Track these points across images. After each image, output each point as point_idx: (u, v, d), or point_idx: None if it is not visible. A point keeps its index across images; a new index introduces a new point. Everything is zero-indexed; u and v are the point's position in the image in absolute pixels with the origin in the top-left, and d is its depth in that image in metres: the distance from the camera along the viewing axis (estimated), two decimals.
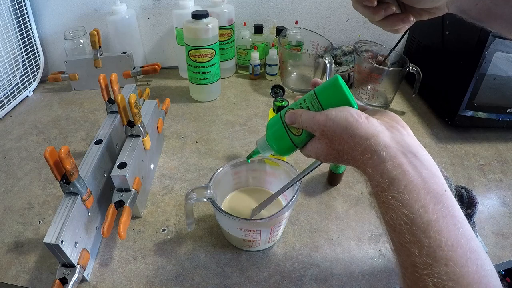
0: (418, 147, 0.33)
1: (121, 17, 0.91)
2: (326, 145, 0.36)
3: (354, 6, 0.39)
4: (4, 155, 0.73)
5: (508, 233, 0.57)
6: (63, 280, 0.44)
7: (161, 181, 0.66)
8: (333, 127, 0.34)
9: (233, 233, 0.50)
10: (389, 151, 0.31)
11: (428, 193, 0.29)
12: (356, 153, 0.33)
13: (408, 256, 0.28)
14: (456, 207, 0.29)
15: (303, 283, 0.49)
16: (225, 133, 0.79)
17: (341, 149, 0.35)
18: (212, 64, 0.84)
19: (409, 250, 0.28)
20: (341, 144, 0.34)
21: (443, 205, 0.29)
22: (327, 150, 0.36)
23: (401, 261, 0.30)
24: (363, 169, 0.33)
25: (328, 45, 0.89)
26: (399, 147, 0.32)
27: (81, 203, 0.47)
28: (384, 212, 0.31)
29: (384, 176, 0.31)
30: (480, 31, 0.67)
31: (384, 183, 0.31)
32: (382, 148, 0.31)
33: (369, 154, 0.32)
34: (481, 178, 0.68)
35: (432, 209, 0.28)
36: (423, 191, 0.29)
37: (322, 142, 0.36)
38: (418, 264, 0.27)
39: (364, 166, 0.33)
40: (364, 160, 0.33)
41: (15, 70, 0.89)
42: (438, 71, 0.84)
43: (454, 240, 0.27)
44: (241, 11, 1.01)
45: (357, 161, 0.34)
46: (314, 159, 0.40)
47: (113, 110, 0.64)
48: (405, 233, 0.29)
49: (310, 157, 0.39)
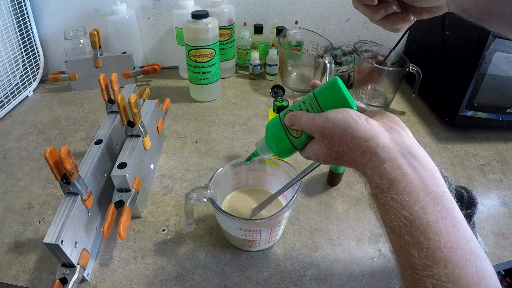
0: (418, 148, 0.33)
1: (121, 17, 0.91)
2: (325, 146, 0.36)
3: (354, 5, 0.39)
4: (4, 155, 0.73)
5: (508, 233, 0.57)
6: (63, 280, 0.44)
7: (161, 181, 0.66)
8: (332, 129, 0.34)
9: (233, 233, 0.50)
10: (388, 152, 0.31)
11: (427, 194, 0.29)
12: (355, 155, 0.33)
13: (408, 257, 0.28)
14: (456, 209, 0.29)
15: (303, 283, 0.49)
16: (225, 133, 0.79)
17: (341, 150, 0.35)
18: (212, 64, 0.84)
19: (408, 251, 0.28)
20: (340, 145, 0.34)
21: (442, 206, 0.29)
22: (327, 151, 0.36)
23: (400, 263, 0.30)
24: (363, 170, 0.33)
25: (328, 45, 0.89)
26: (398, 148, 0.32)
27: (81, 203, 0.47)
28: (384, 213, 0.31)
29: (384, 178, 0.31)
30: (480, 31, 0.67)
31: (384, 185, 0.31)
32: (381, 150, 0.31)
33: (368, 156, 0.32)
34: (481, 178, 0.68)
35: (431, 210, 0.28)
36: (423, 192, 0.29)
37: (321, 144, 0.36)
38: (417, 266, 0.27)
39: (363, 168, 0.33)
40: (363, 162, 0.33)
41: (15, 70, 0.89)
42: (438, 71, 0.84)
43: (454, 242, 0.27)
44: (241, 11, 1.01)
45: (356, 162, 0.34)
46: (314, 161, 0.40)
47: (113, 110, 0.64)
48: (404, 235, 0.29)
49: (309, 159, 0.39)
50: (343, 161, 0.35)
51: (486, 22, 0.34)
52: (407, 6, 0.38)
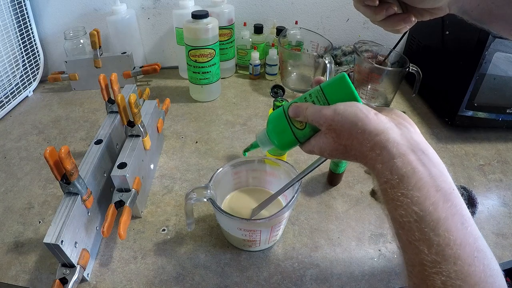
0: (426, 144, 0.33)
1: (121, 17, 0.91)
2: (332, 140, 0.35)
3: (356, 6, 0.39)
4: (4, 155, 0.73)
5: (508, 233, 0.57)
6: (63, 280, 0.44)
7: (161, 181, 0.66)
8: (341, 122, 0.34)
9: (233, 233, 0.50)
10: (398, 148, 0.31)
11: (437, 191, 0.29)
12: (365, 149, 0.33)
13: (417, 254, 0.28)
14: (463, 206, 0.29)
15: (303, 283, 0.49)
16: (225, 133, 0.79)
17: (349, 144, 0.34)
18: (212, 64, 0.84)
19: (417, 248, 0.28)
20: (349, 139, 0.34)
21: (452, 203, 0.29)
22: (333, 145, 0.36)
23: (408, 259, 0.30)
24: (372, 165, 0.33)
25: (328, 45, 0.89)
26: (408, 144, 0.32)
27: (81, 203, 0.47)
28: (393, 209, 0.31)
29: (394, 173, 0.30)
30: (480, 31, 0.67)
31: (394, 180, 0.30)
32: (392, 145, 0.31)
33: (378, 150, 0.32)
34: (481, 178, 0.68)
35: (441, 207, 0.28)
36: (433, 188, 0.29)
37: (328, 137, 0.36)
38: (426, 262, 0.27)
39: (372, 162, 0.33)
40: (373, 156, 0.32)
41: (15, 70, 0.89)
42: (438, 71, 0.84)
43: (463, 239, 0.27)
44: (241, 11, 1.01)
45: (365, 157, 0.33)
46: (317, 155, 0.39)
47: (113, 110, 0.64)
48: (414, 231, 0.29)
49: (312, 153, 0.39)
50: (351, 155, 0.35)
51: (487, 24, 0.34)
52: (408, 7, 0.38)
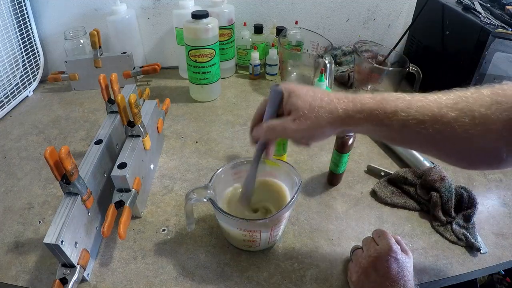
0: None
1: (121, 17, 0.91)
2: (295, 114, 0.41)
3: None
4: (4, 155, 0.73)
5: (508, 233, 0.57)
6: (63, 280, 0.44)
7: (161, 181, 0.66)
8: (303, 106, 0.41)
9: (233, 233, 0.50)
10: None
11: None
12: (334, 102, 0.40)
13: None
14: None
15: (303, 283, 0.49)
16: (225, 133, 0.79)
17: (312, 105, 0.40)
18: (212, 64, 0.84)
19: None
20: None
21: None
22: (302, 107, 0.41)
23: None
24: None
25: (328, 45, 0.89)
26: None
27: (81, 203, 0.48)
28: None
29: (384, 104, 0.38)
30: (480, 31, 0.67)
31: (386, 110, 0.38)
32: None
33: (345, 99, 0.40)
34: (481, 178, 0.68)
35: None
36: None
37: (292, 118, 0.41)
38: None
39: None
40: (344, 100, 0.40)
41: (15, 70, 0.89)
42: (438, 71, 0.84)
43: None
44: (241, 11, 1.01)
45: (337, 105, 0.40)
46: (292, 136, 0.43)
47: (113, 110, 0.64)
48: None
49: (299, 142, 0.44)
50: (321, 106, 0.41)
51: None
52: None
